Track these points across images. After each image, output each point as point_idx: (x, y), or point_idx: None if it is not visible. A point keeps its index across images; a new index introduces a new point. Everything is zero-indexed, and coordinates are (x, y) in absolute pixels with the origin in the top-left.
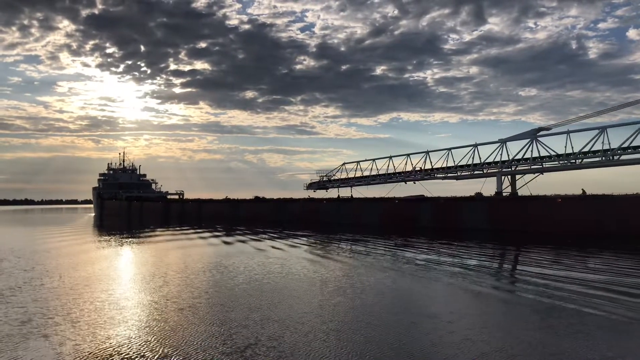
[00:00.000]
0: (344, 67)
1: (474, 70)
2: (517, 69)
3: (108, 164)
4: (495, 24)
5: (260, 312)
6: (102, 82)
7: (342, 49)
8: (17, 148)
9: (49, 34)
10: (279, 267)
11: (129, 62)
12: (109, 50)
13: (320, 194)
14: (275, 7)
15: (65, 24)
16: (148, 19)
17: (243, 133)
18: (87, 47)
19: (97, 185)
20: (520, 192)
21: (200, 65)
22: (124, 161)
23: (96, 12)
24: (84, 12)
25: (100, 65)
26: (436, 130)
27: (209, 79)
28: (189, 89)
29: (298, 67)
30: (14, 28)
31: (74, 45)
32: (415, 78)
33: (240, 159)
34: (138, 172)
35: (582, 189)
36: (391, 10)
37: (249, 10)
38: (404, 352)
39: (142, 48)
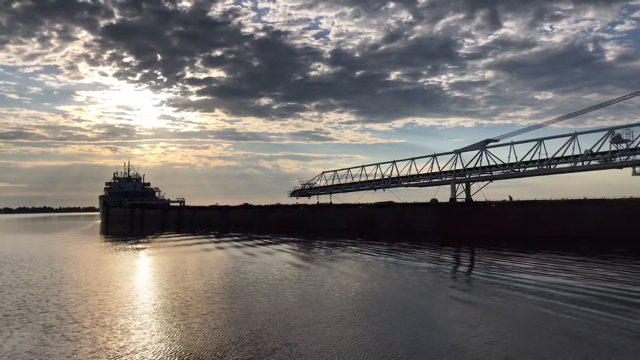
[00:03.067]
0: (358, 73)
1: (489, 74)
2: (533, 72)
3: (114, 173)
4: (510, 27)
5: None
6: (119, 90)
7: (357, 55)
8: (36, 157)
9: (68, 45)
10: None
11: (146, 71)
12: (126, 60)
13: (306, 200)
14: (290, 14)
15: (84, 35)
16: (164, 28)
17: (258, 140)
18: (105, 56)
19: (104, 194)
20: (475, 198)
21: (215, 73)
22: (129, 170)
23: (114, 22)
24: (102, 23)
25: (117, 74)
26: (451, 135)
27: (224, 87)
28: (204, 97)
29: (312, 73)
30: (34, 39)
31: (92, 55)
32: (430, 83)
33: (256, 166)
34: (142, 181)
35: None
36: (405, 16)
37: (264, 18)
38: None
39: (159, 57)
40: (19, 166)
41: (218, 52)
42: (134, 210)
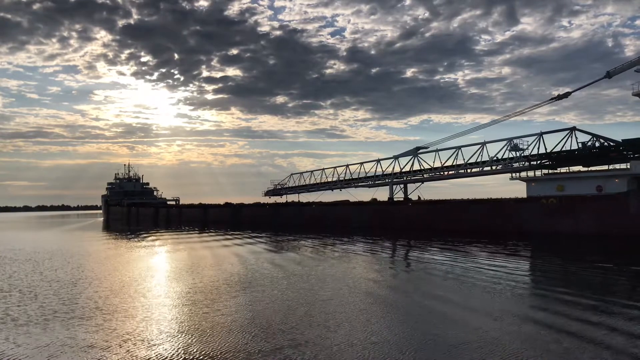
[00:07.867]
0: (374, 71)
1: (506, 70)
2: (551, 68)
3: (115, 173)
4: (528, 23)
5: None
6: (136, 90)
7: (373, 52)
8: (55, 155)
9: (87, 45)
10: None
11: (163, 70)
12: (143, 59)
13: (278, 199)
14: (306, 12)
15: (103, 35)
16: (182, 28)
17: (273, 138)
18: (123, 56)
19: (106, 193)
20: (413, 197)
21: (232, 71)
22: (129, 171)
23: (132, 22)
24: (120, 23)
25: (135, 74)
26: (467, 132)
27: (240, 85)
28: (220, 95)
29: (328, 71)
30: (54, 39)
31: (110, 54)
32: (447, 80)
33: (271, 163)
34: (141, 181)
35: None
36: (422, 13)
37: (280, 17)
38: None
39: (176, 56)
40: (39, 165)
41: (234, 51)
42: (131, 209)
